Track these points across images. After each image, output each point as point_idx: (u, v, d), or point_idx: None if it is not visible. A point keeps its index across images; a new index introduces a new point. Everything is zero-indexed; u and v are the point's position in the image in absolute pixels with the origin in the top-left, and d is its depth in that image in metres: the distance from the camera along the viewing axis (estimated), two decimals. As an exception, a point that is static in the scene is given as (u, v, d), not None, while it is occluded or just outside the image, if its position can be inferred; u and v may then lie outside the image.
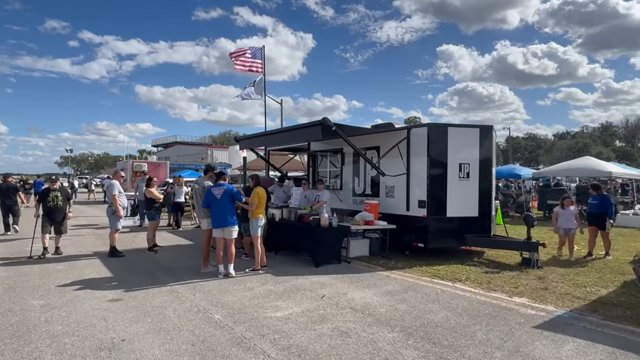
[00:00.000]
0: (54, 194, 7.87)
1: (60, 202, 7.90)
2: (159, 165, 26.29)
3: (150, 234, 8.87)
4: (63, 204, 7.95)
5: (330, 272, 6.79)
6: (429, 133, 7.93)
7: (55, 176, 8.51)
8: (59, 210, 7.91)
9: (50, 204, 7.85)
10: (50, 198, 7.84)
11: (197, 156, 53.72)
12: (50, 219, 7.90)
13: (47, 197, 7.85)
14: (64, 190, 8.16)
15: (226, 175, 6.68)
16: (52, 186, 7.97)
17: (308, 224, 7.59)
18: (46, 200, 7.86)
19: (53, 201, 7.85)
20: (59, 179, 8.92)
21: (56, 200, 7.85)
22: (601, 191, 8.19)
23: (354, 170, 9.86)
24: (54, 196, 7.86)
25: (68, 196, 8.18)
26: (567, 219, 8.16)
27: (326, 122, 6.95)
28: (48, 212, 7.89)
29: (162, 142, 71.29)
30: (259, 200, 6.74)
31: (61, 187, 8.27)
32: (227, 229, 6.45)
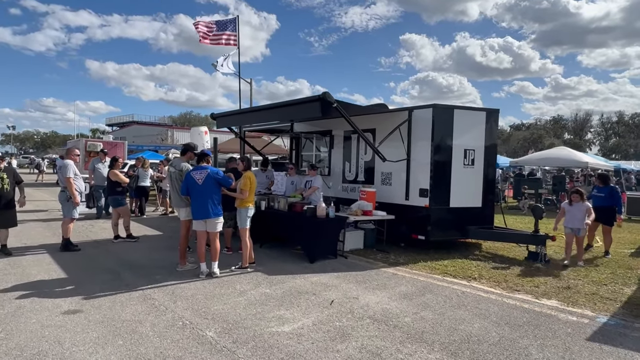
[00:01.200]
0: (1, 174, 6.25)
1: (7, 185, 6.25)
2: (115, 145, 24.12)
3: (127, 220, 7.65)
4: (10, 188, 6.32)
5: (329, 270, 5.97)
6: (433, 115, 7.19)
7: (3, 153, 6.67)
8: (3, 196, 6.28)
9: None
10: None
11: (157, 137, 50.87)
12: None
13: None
14: (11, 171, 6.54)
15: (209, 157, 5.60)
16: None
17: (301, 214, 6.69)
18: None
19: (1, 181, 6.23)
20: (6, 158, 7.04)
21: (1, 183, 6.25)
22: (609, 182, 7.80)
23: (344, 154, 9.01)
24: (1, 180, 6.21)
25: (17, 178, 6.52)
26: (575, 217, 6.77)
27: (327, 98, 6.02)
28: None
29: (117, 121, 66.99)
30: (251, 186, 5.75)
31: (8, 167, 6.71)
32: (210, 221, 5.42)
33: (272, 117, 7.78)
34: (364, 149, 8.56)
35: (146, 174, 12.07)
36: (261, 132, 11.30)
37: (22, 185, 6.61)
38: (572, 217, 6.84)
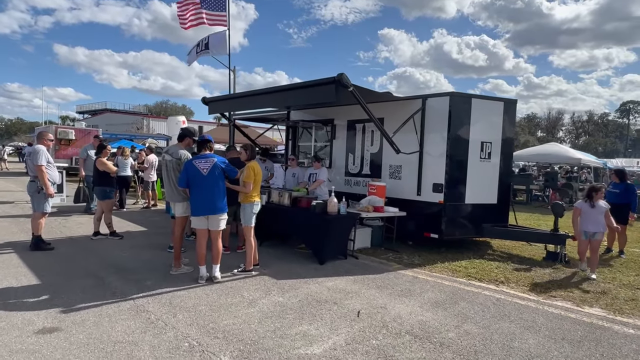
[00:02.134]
0: None
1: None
2: (88, 132, 22.65)
3: (108, 216, 6.79)
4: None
5: (342, 272, 5.36)
6: (450, 104, 6.65)
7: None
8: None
9: None
10: None
11: (132, 125, 48.77)
12: None
13: None
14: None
15: (212, 143, 4.84)
16: None
17: (308, 211, 6.03)
18: None
19: None
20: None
21: None
22: (626, 179, 7.49)
23: (347, 145, 8.38)
24: None
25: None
26: (595, 220, 5.74)
27: (344, 80, 5.35)
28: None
29: (89, 108, 63.91)
30: (255, 178, 5.04)
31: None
32: (213, 218, 4.70)
33: (274, 103, 7.06)
34: (369, 140, 7.95)
35: (126, 162, 11.07)
36: (253, 120, 10.50)
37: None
38: (592, 219, 5.76)
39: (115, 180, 7.18)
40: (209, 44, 11.50)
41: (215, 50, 11.50)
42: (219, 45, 11.46)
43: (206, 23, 11.56)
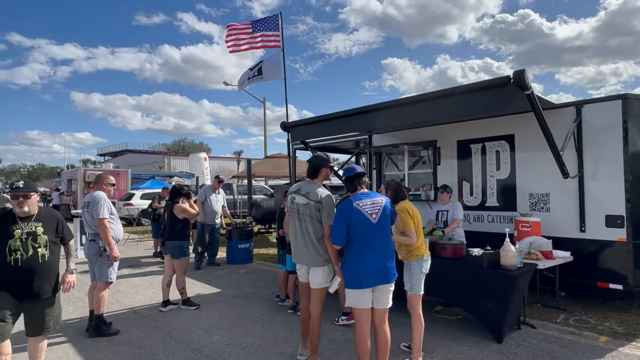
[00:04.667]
0: (25, 228, 2.93)
1: (44, 247, 2.99)
2: (118, 174, 21.57)
3: (182, 279, 5.22)
4: (49, 252, 3.03)
5: (543, 355, 3.62)
6: (625, 109, 5.04)
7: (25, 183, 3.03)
8: (34, 269, 2.95)
9: (14, 256, 2.87)
10: (16, 240, 2.88)
11: (154, 165, 48.32)
12: (15, 292, 2.90)
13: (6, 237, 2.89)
14: (51, 218, 3.14)
15: (367, 178, 3.27)
16: (19, 206, 2.94)
17: (467, 263, 4.35)
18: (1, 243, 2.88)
19: (21, 248, 2.89)
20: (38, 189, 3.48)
21: (28, 244, 2.92)
22: None
23: (460, 171, 6.75)
24: (24, 235, 2.92)
25: (64, 233, 3.20)
26: None
27: (524, 79, 3.79)
28: (6, 273, 2.88)
29: (109, 150, 64.16)
30: (417, 224, 3.44)
31: (46, 209, 3.23)
32: (384, 289, 3.06)
33: (394, 120, 5.52)
34: (494, 163, 6.32)
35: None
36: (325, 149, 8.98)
37: (69, 247, 3.27)
38: None
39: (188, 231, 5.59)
40: (262, 69, 10.26)
41: (269, 74, 10.24)
42: (274, 68, 10.20)
43: (258, 47, 10.37)
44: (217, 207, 8.24)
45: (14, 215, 2.96)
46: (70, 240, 3.29)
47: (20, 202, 2.93)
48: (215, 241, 8.37)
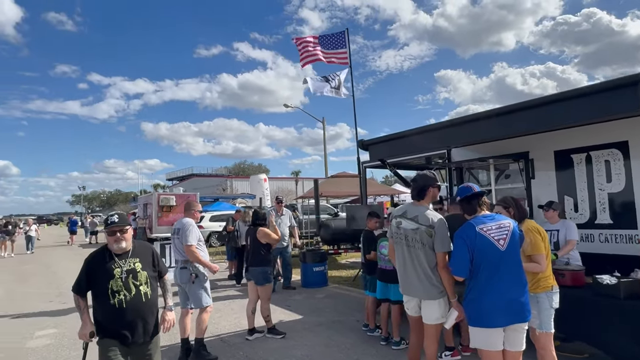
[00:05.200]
0: (124, 265, 2.69)
1: (145, 285, 2.74)
2: (188, 197, 22.60)
3: (267, 306, 5.08)
4: (150, 289, 2.78)
5: None
6: None
7: (119, 217, 2.75)
8: (139, 310, 2.69)
9: (118, 298, 2.61)
10: (117, 280, 2.64)
11: (217, 187, 50.47)
12: (124, 338, 2.63)
13: (106, 277, 2.65)
14: (147, 251, 2.91)
15: (486, 198, 2.89)
16: (117, 243, 2.70)
17: (599, 294, 3.72)
18: (102, 284, 2.64)
19: (124, 288, 2.64)
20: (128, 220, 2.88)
21: (129, 282, 2.67)
22: None
23: (559, 185, 6.05)
24: (123, 274, 2.67)
25: (160, 267, 2.96)
26: None
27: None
28: (112, 317, 2.63)
29: (177, 175, 68.27)
30: (547, 247, 2.96)
31: (140, 243, 2.99)
32: (518, 329, 2.62)
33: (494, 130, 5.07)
34: (603, 175, 5.57)
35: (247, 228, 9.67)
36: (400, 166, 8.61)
37: (165, 283, 3.03)
38: None
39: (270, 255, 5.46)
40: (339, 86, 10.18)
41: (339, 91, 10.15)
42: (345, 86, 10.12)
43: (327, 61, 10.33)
44: (284, 229, 8.10)
45: (110, 252, 2.71)
46: (166, 274, 3.05)
47: (118, 238, 2.69)
48: (287, 264, 8.24)
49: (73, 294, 2.72)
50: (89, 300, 2.77)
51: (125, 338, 2.61)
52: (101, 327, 2.63)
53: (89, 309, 2.72)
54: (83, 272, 2.69)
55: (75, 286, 2.71)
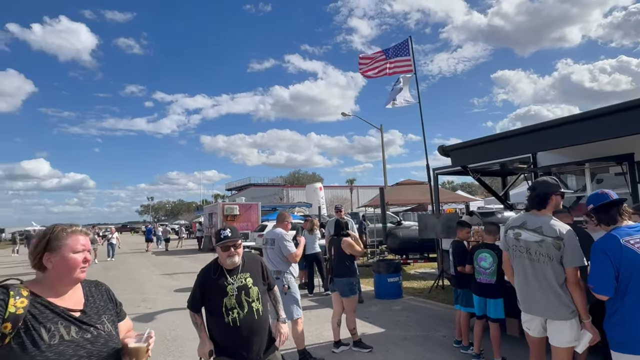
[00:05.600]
0: (235, 282, 2.60)
1: (257, 301, 2.63)
2: (250, 207, 23.34)
3: (352, 318, 5.00)
4: (262, 305, 2.66)
5: None
6: None
7: (232, 231, 2.68)
8: (253, 328, 2.59)
9: (232, 316, 2.53)
10: (230, 297, 2.56)
11: (274, 196, 51.60)
12: (236, 355, 2.54)
13: (220, 294, 2.57)
14: (256, 265, 2.79)
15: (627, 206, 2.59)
16: (230, 257, 2.60)
17: None
18: (216, 301, 2.57)
19: (237, 305, 2.55)
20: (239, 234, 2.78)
21: (242, 299, 2.58)
22: None
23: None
24: (235, 290, 2.58)
25: (270, 279, 2.88)
26: None
27: None
28: (228, 336, 2.56)
29: (235, 185, 70.87)
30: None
31: (249, 255, 2.81)
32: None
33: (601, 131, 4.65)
34: None
35: (314, 237, 9.69)
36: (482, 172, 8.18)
37: (275, 293, 2.96)
38: None
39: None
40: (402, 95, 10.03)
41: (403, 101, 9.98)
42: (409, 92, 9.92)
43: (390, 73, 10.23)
44: None
45: (221, 268, 2.63)
46: (275, 285, 2.98)
47: (231, 253, 2.59)
48: None
49: (189, 310, 2.68)
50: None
51: (241, 357, 2.54)
52: (218, 345, 2.56)
53: (205, 326, 2.65)
54: (197, 288, 2.65)
55: (190, 302, 2.68)
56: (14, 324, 1.38)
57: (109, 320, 1.66)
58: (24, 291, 1.46)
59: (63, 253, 1.56)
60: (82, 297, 1.64)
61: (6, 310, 1.38)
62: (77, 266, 1.58)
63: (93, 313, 1.62)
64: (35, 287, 1.52)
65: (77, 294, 1.64)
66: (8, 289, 1.44)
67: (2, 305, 1.39)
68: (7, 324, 1.37)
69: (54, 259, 1.55)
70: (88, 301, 1.65)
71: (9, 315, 1.38)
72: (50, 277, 1.56)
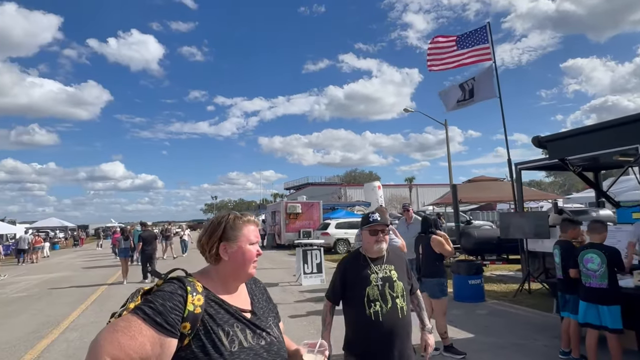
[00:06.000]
0: (379, 272, 2.34)
1: (401, 298, 2.33)
2: (312, 205, 23.52)
3: (443, 322, 4.75)
4: (406, 304, 2.35)
5: None
6: None
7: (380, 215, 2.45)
8: (395, 328, 2.26)
9: (374, 308, 2.26)
10: (373, 287, 2.30)
11: (332, 195, 51.76)
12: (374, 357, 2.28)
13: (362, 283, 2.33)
14: (400, 259, 2.51)
15: None
16: (378, 244, 2.36)
17: None
18: (358, 291, 2.33)
19: (380, 298, 2.28)
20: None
21: (385, 292, 2.30)
22: None
23: None
24: (379, 281, 2.32)
25: (413, 279, 2.56)
26: None
27: None
28: (366, 330, 2.28)
29: (293, 185, 72.15)
30: None
31: (392, 248, 2.53)
32: None
33: None
34: None
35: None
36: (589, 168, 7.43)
37: (419, 297, 2.64)
38: None
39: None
40: (474, 90, 9.45)
41: (481, 95, 9.37)
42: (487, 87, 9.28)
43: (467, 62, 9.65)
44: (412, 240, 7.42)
45: (364, 256, 2.41)
46: (418, 289, 2.65)
47: (380, 238, 2.35)
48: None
49: (326, 301, 2.50)
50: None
51: (375, 357, 2.24)
52: (352, 344, 2.33)
53: (331, 327, 2.47)
54: (336, 278, 2.47)
55: (330, 293, 2.49)
56: (193, 324, 1.19)
57: (275, 324, 1.45)
58: (198, 286, 1.26)
59: (240, 244, 1.36)
60: (247, 296, 1.44)
61: (185, 309, 1.18)
62: (252, 259, 1.38)
63: (261, 314, 1.41)
64: (204, 282, 1.31)
65: (243, 291, 1.44)
66: (184, 284, 1.24)
67: (181, 302, 1.18)
68: (187, 323, 1.18)
69: (230, 250, 1.35)
70: (254, 300, 1.45)
71: (188, 313, 1.18)
72: (223, 271, 1.36)
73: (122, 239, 12.92)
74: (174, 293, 1.20)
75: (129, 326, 1.09)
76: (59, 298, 9.65)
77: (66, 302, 8.98)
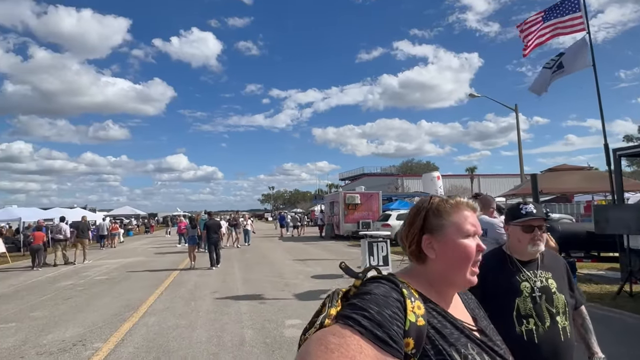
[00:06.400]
0: (534, 280, 1.81)
1: (562, 315, 1.77)
2: (371, 195, 23.08)
3: None
4: (569, 324, 1.79)
5: None
6: None
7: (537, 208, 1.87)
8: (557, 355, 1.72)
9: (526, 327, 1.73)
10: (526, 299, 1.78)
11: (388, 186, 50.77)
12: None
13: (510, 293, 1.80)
14: (560, 265, 1.94)
15: None
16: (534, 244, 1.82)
17: None
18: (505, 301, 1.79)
19: (534, 314, 1.74)
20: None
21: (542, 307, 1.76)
22: None
23: None
24: (536, 292, 1.79)
25: (577, 291, 1.98)
26: None
27: None
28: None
29: (348, 175, 71.81)
30: None
31: (548, 252, 1.94)
32: None
33: None
34: None
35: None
36: None
37: (584, 316, 2.04)
38: None
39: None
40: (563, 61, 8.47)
41: (572, 66, 8.38)
42: (579, 57, 8.28)
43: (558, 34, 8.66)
44: None
45: (511, 257, 1.88)
46: (584, 304, 2.02)
47: (537, 236, 1.82)
48: None
49: None
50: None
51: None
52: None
53: None
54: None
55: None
56: (418, 340, 0.85)
57: (502, 343, 1.05)
58: (413, 290, 0.93)
59: (449, 235, 0.99)
60: (464, 308, 1.07)
61: (405, 319, 0.84)
62: (469, 258, 0.99)
63: (491, 333, 1.04)
64: (413, 284, 0.97)
65: (458, 302, 1.07)
66: (398, 285, 0.90)
67: (400, 309, 0.85)
68: (409, 339, 0.83)
69: (436, 244, 1.00)
70: (475, 313, 1.08)
71: (410, 325, 0.84)
72: (431, 273, 1.00)
73: (189, 227, 13.43)
74: (389, 297, 0.86)
75: (345, 344, 0.75)
76: (137, 282, 10.19)
77: (143, 286, 9.45)
